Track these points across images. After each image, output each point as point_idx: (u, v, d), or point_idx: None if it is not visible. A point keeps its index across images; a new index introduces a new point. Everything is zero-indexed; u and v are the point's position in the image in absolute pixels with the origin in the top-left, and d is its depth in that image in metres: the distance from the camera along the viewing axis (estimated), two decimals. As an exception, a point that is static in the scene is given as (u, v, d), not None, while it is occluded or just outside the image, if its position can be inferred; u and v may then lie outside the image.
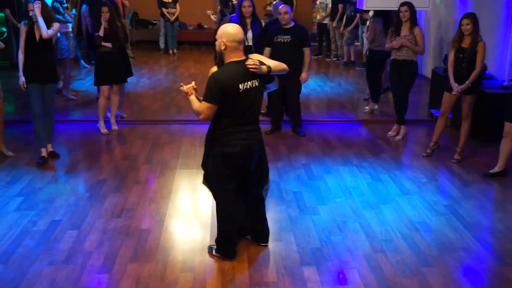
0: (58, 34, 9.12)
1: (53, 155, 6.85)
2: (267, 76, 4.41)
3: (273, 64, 4.43)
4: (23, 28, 6.49)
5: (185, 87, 4.37)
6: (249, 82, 4.25)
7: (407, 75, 7.55)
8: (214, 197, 4.65)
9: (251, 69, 4.22)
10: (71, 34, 9.29)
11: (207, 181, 4.77)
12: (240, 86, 4.21)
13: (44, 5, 6.47)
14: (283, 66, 4.52)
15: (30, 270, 4.35)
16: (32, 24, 6.45)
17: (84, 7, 9.08)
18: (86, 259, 4.52)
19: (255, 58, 4.34)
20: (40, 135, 6.72)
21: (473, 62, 6.57)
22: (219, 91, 4.16)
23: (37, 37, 6.45)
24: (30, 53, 6.47)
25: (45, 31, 6.35)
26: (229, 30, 4.22)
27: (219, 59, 4.46)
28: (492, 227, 5.24)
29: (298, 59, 7.55)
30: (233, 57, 4.25)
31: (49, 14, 6.55)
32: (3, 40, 8.28)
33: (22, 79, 6.47)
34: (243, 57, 4.29)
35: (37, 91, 6.59)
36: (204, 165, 4.80)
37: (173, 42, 14.05)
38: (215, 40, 4.38)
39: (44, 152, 6.74)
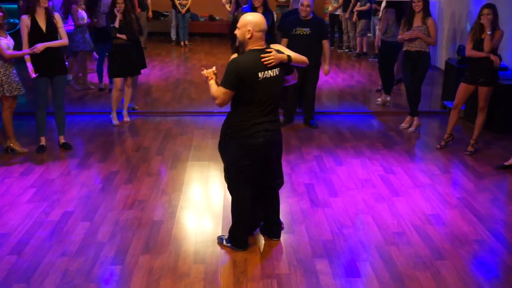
0: (72, 29, 9.17)
1: (66, 146, 6.88)
2: (287, 67, 4.38)
3: (294, 55, 4.40)
4: (24, 22, 6.41)
5: (205, 71, 4.40)
6: (269, 71, 4.22)
7: (420, 66, 7.48)
8: (231, 189, 4.61)
9: (266, 63, 4.19)
10: (85, 27, 9.32)
11: (226, 173, 4.70)
12: (260, 74, 4.18)
13: None
14: (303, 58, 4.50)
15: (43, 261, 4.37)
16: (34, 16, 6.42)
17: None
18: (98, 250, 4.54)
19: (275, 48, 4.33)
20: (41, 125, 6.80)
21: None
22: (236, 77, 4.15)
23: (43, 27, 6.45)
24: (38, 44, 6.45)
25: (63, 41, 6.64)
26: (255, 20, 4.20)
27: (240, 48, 4.40)
28: (506, 220, 5.19)
29: (317, 51, 7.55)
30: (255, 46, 4.24)
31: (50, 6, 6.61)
32: (16, 32, 8.28)
33: (30, 67, 6.44)
34: (264, 46, 4.27)
35: (46, 84, 6.62)
36: (224, 158, 4.73)
37: (184, 34, 14.04)
38: (233, 29, 4.34)
39: (43, 141, 6.85)
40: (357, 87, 10.25)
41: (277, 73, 4.27)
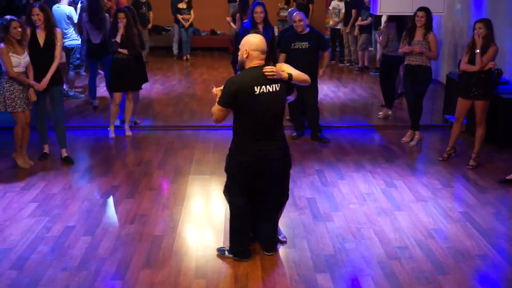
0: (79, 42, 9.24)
1: (67, 160, 6.88)
2: (288, 86, 4.41)
3: (295, 73, 4.43)
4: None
5: (215, 89, 4.45)
6: (268, 86, 4.25)
7: (421, 80, 7.48)
8: (228, 198, 4.65)
9: (267, 75, 4.24)
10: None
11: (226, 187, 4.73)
12: (256, 89, 4.21)
13: (47, 14, 6.55)
14: (305, 77, 4.52)
15: (44, 276, 4.35)
16: (35, 29, 6.51)
17: (84, 15, 9.03)
18: (100, 265, 4.52)
19: (277, 67, 4.37)
20: (43, 134, 6.96)
21: (486, 70, 6.52)
22: (232, 95, 4.22)
23: (41, 42, 6.53)
24: (34, 58, 6.50)
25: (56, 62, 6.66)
26: (252, 40, 4.29)
27: (241, 67, 4.46)
28: (509, 234, 5.17)
29: (315, 64, 7.59)
30: (253, 64, 4.30)
31: (53, 23, 6.67)
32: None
33: (32, 85, 6.49)
34: (263, 64, 4.32)
35: (43, 95, 6.68)
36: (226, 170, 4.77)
37: (186, 48, 14.07)
38: (235, 49, 4.39)
39: (46, 149, 7.00)
40: (358, 101, 10.26)
41: (277, 88, 4.29)
